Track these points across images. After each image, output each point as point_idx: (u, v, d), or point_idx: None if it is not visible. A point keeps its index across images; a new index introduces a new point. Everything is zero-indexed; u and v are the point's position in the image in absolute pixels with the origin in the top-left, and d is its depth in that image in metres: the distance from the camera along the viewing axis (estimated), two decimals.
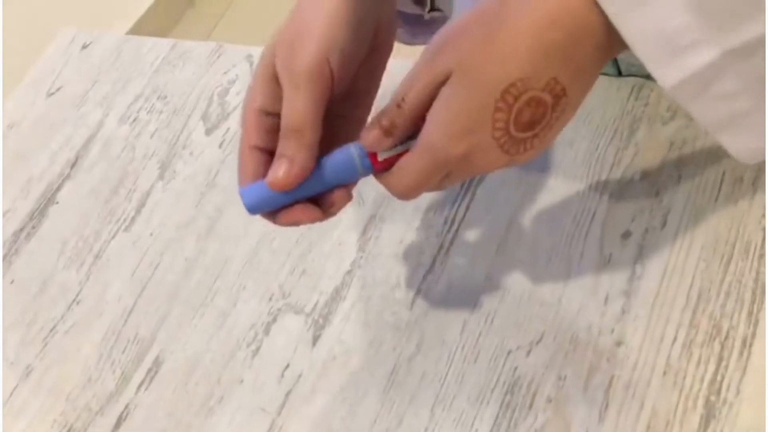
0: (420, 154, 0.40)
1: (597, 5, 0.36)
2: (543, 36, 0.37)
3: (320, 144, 0.42)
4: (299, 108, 0.41)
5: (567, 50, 0.37)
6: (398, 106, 0.40)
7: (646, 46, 0.35)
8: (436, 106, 0.39)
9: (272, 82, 0.42)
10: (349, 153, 0.42)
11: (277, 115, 0.42)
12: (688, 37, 0.34)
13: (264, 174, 0.42)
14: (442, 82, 0.39)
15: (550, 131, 0.39)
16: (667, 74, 0.36)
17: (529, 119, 0.38)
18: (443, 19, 0.56)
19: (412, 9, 0.56)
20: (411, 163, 0.41)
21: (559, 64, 0.37)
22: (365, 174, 0.43)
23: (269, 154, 0.43)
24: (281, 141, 0.41)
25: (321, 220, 0.43)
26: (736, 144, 0.39)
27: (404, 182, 0.41)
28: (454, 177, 0.42)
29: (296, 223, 0.43)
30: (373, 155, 0.42)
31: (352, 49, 0.42)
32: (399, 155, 0.41)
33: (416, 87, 0.40)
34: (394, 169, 0.42)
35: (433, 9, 0.55)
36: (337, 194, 0.43)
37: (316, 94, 0.41)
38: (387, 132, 0.41)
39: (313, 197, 0.43)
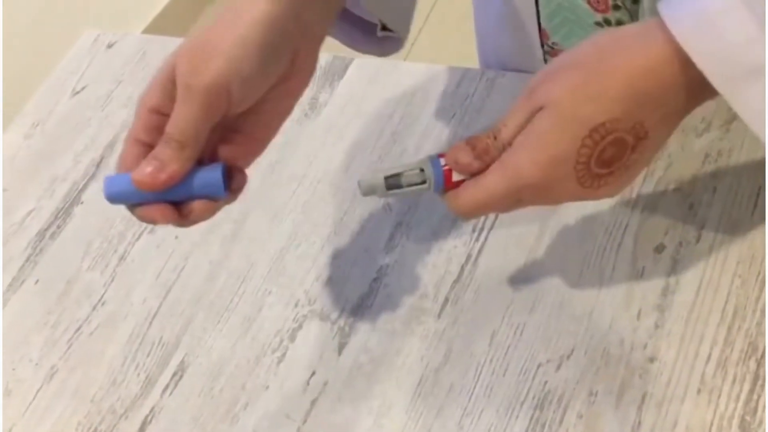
0: (503, 174, 0.41)
1: (692, 63, 0.37)
2: (636, 83, 0.38)
3: (209, 152, 0.44)
4: (186, 122, 0.41)
5: (658, 99, 0.39)
6: (495, 137, 0.42)
7: (757, 117, 0.37)
8: (528, 133, 0.40)
9: (169, 84, 0.43)
10: (216, 174, 0.43)
11: (166, 116, 0.43)
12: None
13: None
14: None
15: (626, 171, 0.41)
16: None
17: (610, 157, 0.40)
18: (395, 41, 0.56)
19: (369, 17, 0.55)
20: (490, 182, 0.41)
21: (648, 110, 0.39)
22: (435, 183, 0.43)
23: (151, 149, 0.43)
24: (160, 144, 0.42)
25: (177, 224, 0.44)
26: None
27: (478, 198, 0.42)
28: (523, 204, 0.42)
29: (152, 222, 0.44)
30: (448, 174, 0.42)
31: (258, 75, 0.42)
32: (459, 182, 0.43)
33: (513, 122, 0.41)
34: (468, 184, 0.42)
35: (384, 29, 0.54)
36: (199, 205, 0.43)
37: (207, 113, 0.42)
38: (479, 156, 0.42)
39: (174, 201, 0.43)
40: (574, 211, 0.55)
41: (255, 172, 0.67)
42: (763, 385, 0.45)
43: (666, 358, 0.47)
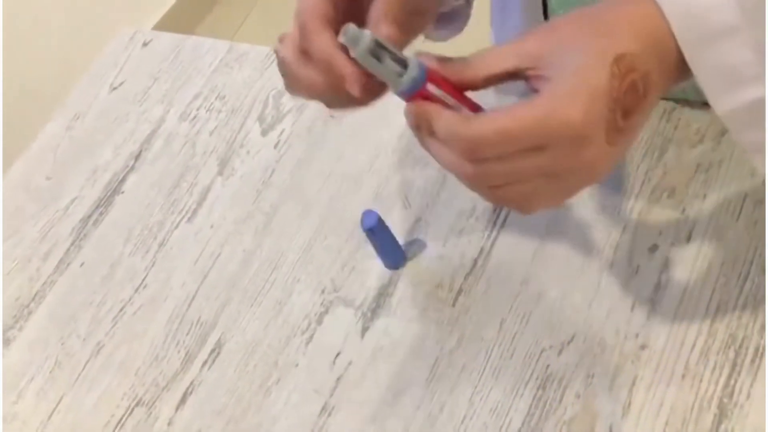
0: (539, 104, 0.38)
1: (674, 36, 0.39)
2: (645, 25, 0.38)
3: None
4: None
5: (658, 47, 0.39)
6: (469, 64, 0.41)
7: (710, 76, 0.39)
8: (559, 75, 0.38)
9: None
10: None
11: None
12: (748, 73, 0.39)
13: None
14: (525, 66, 0.39)
15: (629, 134, 0.40)
16: (723, 102, 0.40)
17: (630, 105, 0.38)
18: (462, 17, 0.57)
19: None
20: (522, 110, 0.38)
21: (653, 58, 0.39)
22: (408, 88, 0.41)
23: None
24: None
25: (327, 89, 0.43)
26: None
27: (500, 124, 0.38)
28: (545, 158, 0.38)
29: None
30: (432, 77, 0.40)
31: None
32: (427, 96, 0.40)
33: (497, 56, 0.40)
34: (492, 111, 0.39)
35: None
36: (356, 75, 0.41)
37: None
38: (456, 74, 0.41)
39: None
40: (577, 212, 0.61)
41: (285, 168, 0.74)
42: (740, 372, 0.51)
43: (655, 346, 0.53)
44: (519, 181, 0.40)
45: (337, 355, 0.61)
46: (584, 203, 0.61)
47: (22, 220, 0.79)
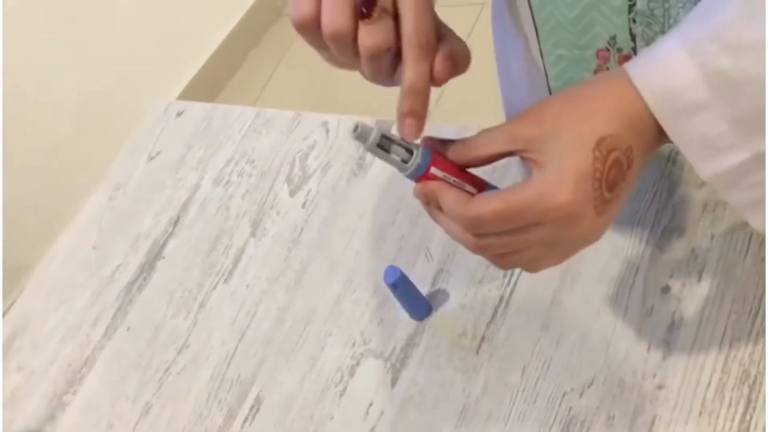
0: (529, 187, 0.41)
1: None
2: (620, 106, 0.42)
3: None
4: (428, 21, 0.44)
5: (638, 125, 0.42)
6: (468, 145, 0.45)
7: (690, 147, 0.42)
8: (548, 161, 0.42)
9: None
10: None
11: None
12: (724, 142, 0.42)
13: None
14: (517, 148, 0.43)
15: (618, 201, 0.43)
16: (706, 169, 0.43)
17: (614, 179, 0.42)
18: None
19: None
20: (514, 192, 0.42)
21: (633, 134, 0.42)
22: (413, 173, 0.45)
23: None
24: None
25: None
26: (757, 221, 0.46)
27: (496, 207, 0.42)
28: (541, 230, 0.42)
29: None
30: (436, 161, 0.45)
31: None
32: (433, 177, 0.44)
33: (492, 140, 0.44)
34: (487, 194, 0.44)
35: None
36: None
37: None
38: (443, 141, 0.45)
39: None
40: (591, 257, 0.63)
41: (312, 226, 0.78)
42: (755, 407, 0.52)
43: (672, 385, 0.55)
44: (520, 251, 0.45)
45: (370, 405, 0.64)
46: (598, 248, 0.63)
47: (72, 288, 0.84)
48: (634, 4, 0.54)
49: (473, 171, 0.47)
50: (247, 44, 2.42)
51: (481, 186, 0.47)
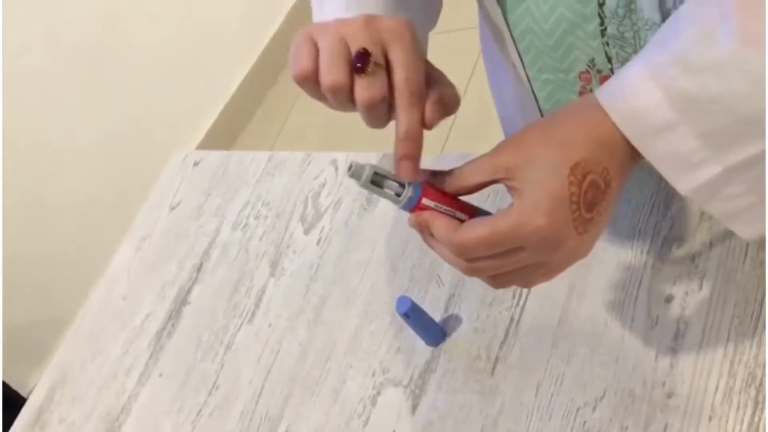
0: (509, 215, 0.44)
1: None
2: (593, 131, 0.45)
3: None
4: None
5: (612, 147, 0.45)
6: (455, 176, 0.48)
7: (664, 164, 0.45)
8: (530, 177, 0.44)
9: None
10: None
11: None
12: (696, 157, 0.44)
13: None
14: (500, 177, 0.46)
15: (600, 218, 0.45)
16: (682, 184, 0.45)
17: (592, 199, 0.44)
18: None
19: None
20: (497, 220, 0.44)
21: (607, 156, 0.45)
22: (406, 206, 0.48)
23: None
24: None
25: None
26: (743, 230, 0.47)
27: (481, 233, 0.44)
28: (525, 254, 0.45)
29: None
30: (426, 192, 0.48)
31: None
32: (425, 207, 0.47)
33: (476, 170, 0.47)
34: (473, 221, 0.46)
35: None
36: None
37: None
38: (433, 174, 0.48)
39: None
40: (596, 272, 0.65)
41: (328, 262, 0.80)
42: (762, 409, 0.53)
43: (681, 392, 0.56)
44: (511, 272, 0.47)
45: None
46: (601, 263, 0.65)
47: (105, 340, 0.88)
48: (606, 29, 0.56)
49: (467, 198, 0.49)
50: (262, 88, 2.48)
51: (472, 212, 0.49)
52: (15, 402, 1.57)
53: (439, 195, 0.48)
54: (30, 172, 1.92)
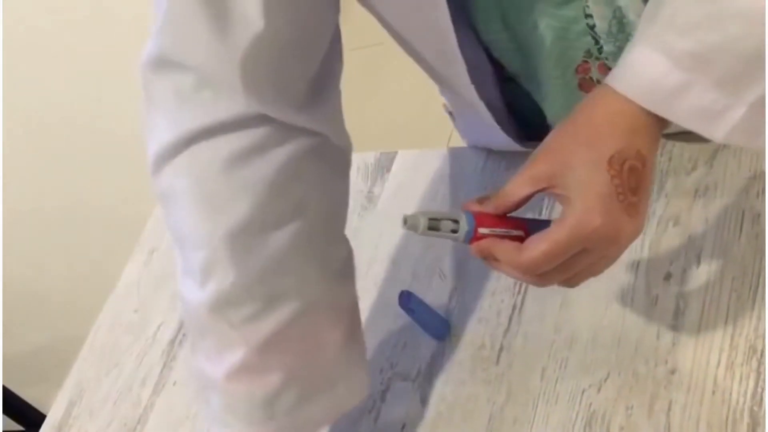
0: (564, 224, 0.46)
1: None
2: (614, 119, 0.46)
3: None
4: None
5: (640, 130, 0.46)
6: (500, 197, 0.49)
7: (692, 122, 0.46)
8: (572, 194, 0.46)
9: None
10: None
11: None
12: (719, 105, 0.45)
13: None
14: (541, 187, 0.47)
15: (645, 194, 0.47)
16: (717, 133, 0.46)
17: (635, 184, 0.46)
18: None
19: None
20: (553, 232, 0.46)
21: (639, 138, 0.46)
22: (464, 237, 0.49)
23: None
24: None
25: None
26: None
27: (543, 248, 0.46)
28: (590, 252, 0.47)
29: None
30: (480, 220, 0.49)
31: None
32: (496, 236, 0.49)
33: (518, 185, 0.48)
34: (532, 239, 0.47)
35: None
36: None
37: None
38: (484, 204, 0.50)
39: None
40: None
41: None
42: (765, 379, 0.53)
43: (684, 368, 0.56)
44: (580, 272, 0.49)
45: (403, 427, 0.66)
46: None
47: (119, 353, 0.89)
48: (594, 26, 0.57)
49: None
50: None
51: (526, 226, 0.51)
52: (39, 423, 1.60)
53: (491, 219, 0.50)
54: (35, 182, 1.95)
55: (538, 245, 0.46)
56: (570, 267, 0.48)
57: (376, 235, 0.80)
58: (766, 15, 0.42)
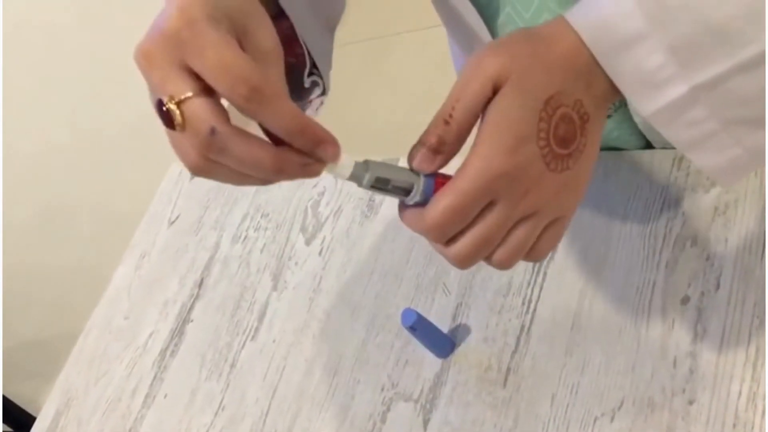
0: (470, 168, 0.40)
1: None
2: (571, 59, 0.42)
3: None
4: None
5: (586, 77, 0.42)
6: (446, 122, 0.41)
7: (629, 83, 0.42)
8: (492, 118, 0.41)
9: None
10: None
11: None
12: (663, 74, 0.41)
13: None
14: (492, 91, 0.41)
15: (581, 156, 0.43)
16: (645, 105, 0.43)
17: (563, 135, 0.42)
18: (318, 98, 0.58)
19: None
20: (458, 182, 0.40)
21: (581, 88, 0.42)
22: (422, 198, 0.42)
23: None
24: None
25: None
26: (703, 161, 0.45)
27: (447, 203, 0.41)
28: (499, 202, 0.41)
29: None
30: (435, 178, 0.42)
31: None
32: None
33: (466, 97, 0.41)
34: (438, 193, 0.41)
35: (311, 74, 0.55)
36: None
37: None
38: (436, 150, 0.42)
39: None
40: (607, 275, 0.62)
41: (331, 273, 0.78)
42: None
43: (703, 399, 0.54)
44: (504, 241, 0.43)
45: None
46: (611, 265, 0.63)
47: (109, 360, 0.86)
48: None
49: None
50: None
51: None
52: (27, 423, 1.57)
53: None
54: (33, 180, 1.91)
55: (440, 199, 0.41)
56: (484, 228, 0.42)
57: (377, 246, 0.77)
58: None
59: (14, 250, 1.88)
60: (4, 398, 1.76)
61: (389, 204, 0.80)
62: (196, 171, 0.40)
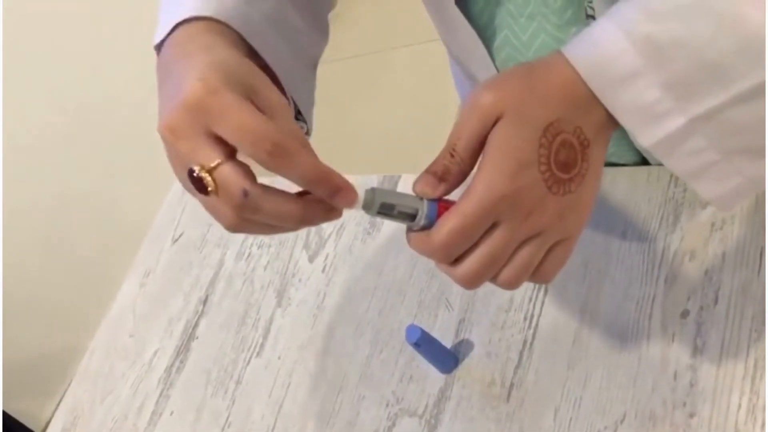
0: (474, 193, 0.42)
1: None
2: (569, 88, 0.43)
3: None
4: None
5: (586, 106, 0.44)
6: (452, 155, 0.44)
7: (628, 116, 0.44)
8: (493, 146, 0.42)
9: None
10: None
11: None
12: (660, 108, 0.43)
13: None
14: (491, 125, 0.43)
15: (583, 180, 0.44)
16: (645, 137, 0.44)
17: (565, 160, 0.43)
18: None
19: None
20: (462, 205, 0.42)
21: (581, 115, 0.43)
22: (426, 222, 0.44)
23: None
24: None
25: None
26: (706, 190, 0.46)
27: (452, 225, 0.42)
28: (503, 225, 0.43)
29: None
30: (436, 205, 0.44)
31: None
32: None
33: (467, 132, 0.43)
34: (442, 217, 0.43)
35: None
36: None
37: None
38: (441, 178, 0.44)
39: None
40: (607, 290, 0.63)
41: (334, 290, 0.79)
42: None
43: (703, 412, 0.55)
44: (509, 261, 0.44)
45: None
46: (612, 281, 0.64)
47: (114, 379, 0.87)
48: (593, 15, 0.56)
49: None
50: None
51: None
52: None
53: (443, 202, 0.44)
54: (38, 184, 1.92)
55: (445, 222, 0.42)
56: (488, 249, 0.43)
57: (380, 262, 0.78)
58: (733, 27, 0.40)
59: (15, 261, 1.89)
60: (4, 414, 1.76)
61: (391, 222, 0.81)
62: (232, 229, 0.44)
